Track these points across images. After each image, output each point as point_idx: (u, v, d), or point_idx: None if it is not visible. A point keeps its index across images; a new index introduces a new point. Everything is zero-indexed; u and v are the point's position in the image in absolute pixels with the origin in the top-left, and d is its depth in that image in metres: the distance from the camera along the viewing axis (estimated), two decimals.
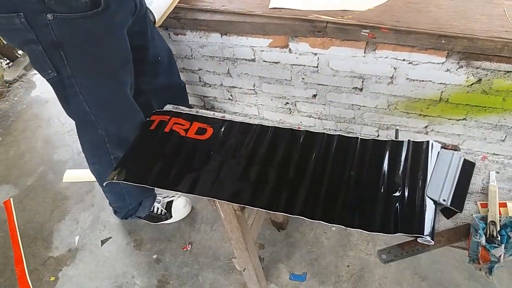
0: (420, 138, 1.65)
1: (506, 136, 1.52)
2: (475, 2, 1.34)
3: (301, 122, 1.87)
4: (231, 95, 1.89)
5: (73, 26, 1.05)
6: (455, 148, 1.05)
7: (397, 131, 1.12)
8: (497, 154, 1.61)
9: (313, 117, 1.82)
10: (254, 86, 1.79)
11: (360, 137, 1.09)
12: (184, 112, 1.27)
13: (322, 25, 1.40)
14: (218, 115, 1.25)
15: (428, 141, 1.04)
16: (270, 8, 1.46)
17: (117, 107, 1.29)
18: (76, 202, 1.86)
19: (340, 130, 1.82)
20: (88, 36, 1.09)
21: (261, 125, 1.16)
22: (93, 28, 1.08)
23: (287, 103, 1.80)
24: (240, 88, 1.83)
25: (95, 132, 1.32)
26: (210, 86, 1.89)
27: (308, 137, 1.12)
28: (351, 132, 1.79)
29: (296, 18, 1.43)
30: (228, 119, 1.22)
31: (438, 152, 1.02)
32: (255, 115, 1.95)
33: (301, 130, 1.14)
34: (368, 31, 1.35)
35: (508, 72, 1.30)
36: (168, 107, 1.31)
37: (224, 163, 1.10)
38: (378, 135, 1.75)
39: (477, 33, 1.25)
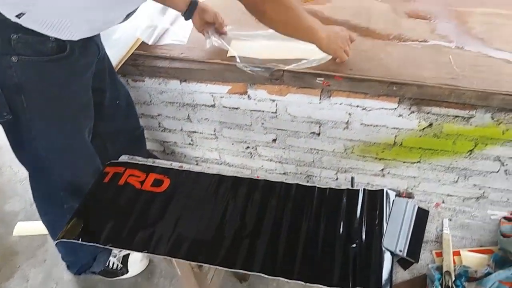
0: (377, 180, 1.71)
1: (458, 178, 1.58)
2: (423, 50, 1.41)
3: (262, 166, 1.87)
4: (191, 140, 1.88)
5: (37, 69, 1.03)
6: (409, 196, 1.07)
7: (352, 178, 1.13)
8: (451, 195, 1.66)
9: (274, 161, 1.83)
10: (214, 131, 1.78)
11: (317, 186, 1.09)
12: (139, 163, 1.23)
13: (279, 73, 1.43)
14: (175, 164, 1.23)
15: (382, 190, 1.06)
16: (228, 57, 1.48)
17: (74, 153, 1.25)
18: (27, 258, 1.74)
19: (301, 173, 1.83)
20: (52, 80, 1.07)
21: (220, 175, 1.15)
22: (57, 72, 1.07)
23: (248, 147, 1.80)
24: (200, 133, 1.82)
25: (49, 180, 1.26)
26: (170, 131, 1.87)
27: (267, 187, 1.11)
28: (311, 176, 1.82)
29: (254, 66, 1.45)
30: (186, 169, 1.20)
31: (393, 201, 1.04)
32: (216, 159, 1.94)
33: (260, 180, 1.13)
34: (322, 79, 1.38)
35: (456, 116, 1.37)
36: (123, 158, 1.27)
37: (180, 217, 1.07)
38: (337, 178, 1.78)
39: (426, 80, 1.31)
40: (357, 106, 1.44)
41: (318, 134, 1.61)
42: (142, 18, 1.57)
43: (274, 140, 1.72)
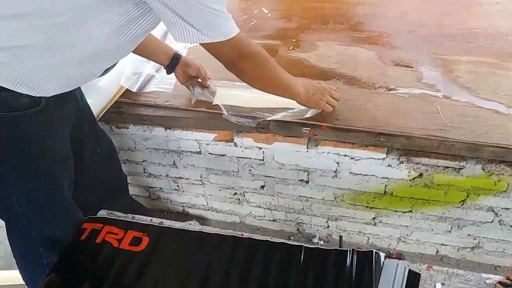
0: (369, 229, 1.66)
1: (452, 227, 1.53)
2: (410, 99, 1.40)
3: (251, 212, 1.82)
4: (177, 186, 1.83)
5: (10, 125, 0.99)
6: (399, 257, 1.02)
7: (341, 238, 1.09)
8: (445, 245, 1.61)
9: (263, 208, 1.78)
10: (201, 177, 1.74)
11: (304, 245, 1.04)
12: (118, 219, 1.18)
13: (265, 123, 1.40)
14: (155, 221, 1.18)
15: (372, 251, 1.01)
16: (213, 105, 1.46)
17: (53, 209, 1.19)
18: None
19: (290, 220, 1.78)
20: (26, 136, 1.03)
21: (202, 232, 1.10)
22: (32, 127, 1.03)
23: (236, 193, 1.76)
24: (186, 179, 1.77)
25: (27, 236, 1.20)
26: (155, 177, 1.82)
27: (251, 246, 1.06)
28: (301, 223, 1.77)
29: (240, 115, 1.43)
30: (166, 225, 1.15)
31: (383, 263, 0.99)
32: (203, 205, 1.88)
33: (244, 238, 1.08)
34: (309, 128, 1.36)
35: (447, 167, 1.33)
36: (102, 213, 1.22)
37: (159, 280, 1.02)
38: (328, 226, 1.73)
39: (413, 131, 1.28)
40: (345, 155, 1.41)
41: (307, 182, 1.57)
42: (127, 66, 1.55)
43: (263, 187, 1.67)
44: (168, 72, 1.44)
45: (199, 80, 1.48)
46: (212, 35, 0.93)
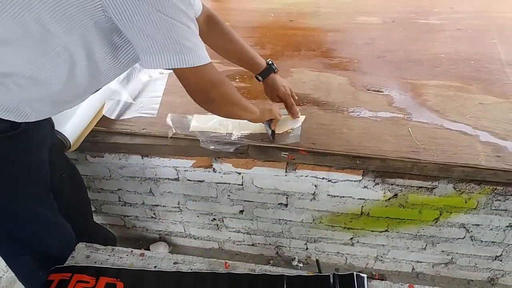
0: (346, 249, 1.69)
1: (426, 245, 1.57)
2: (382, 123, 1.45)
3: (229, 238, 1.81)
4: (154, 214, 1.80)
5: None
6: (382, 278, 1.04)
7: (317, 262, 1.09)
8: (420, 262, 1.65)
9: (242, 232, 1.77)
10: (178, 204, 1.72)
11: (286, 274, 1.04)
12: (87, 265, 1.12)
13: (244, 148, 1.42)
14: (136, 252, 1.15)
15: (353, 274, 1.02)
16: (191, 131, 1.46)
17: (39, 227, 1.17)
18: None
19: (270, 244, 1.78)
20: (6, 158, 1.02)
21: (180, 272, 1.07)
22: (11, 149, 1.02)
23: (214, 219, 1.75)
24: (163, 206, 1.75)
25: (19, 258, 1.20)
26: (131, 205, 1.79)
27: (232, 281, 1.04)
28: (280, 246, 1.77)
29: (219, 141, 1.44)
30: (140, 268, 1.10)
31: (367, 285, 1.00)
32: (180, 232, 1.86)
33: (224, 274, 1.06)
34: (287, 153, 1.38)
35: (420, 187, 1.38)
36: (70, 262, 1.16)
37: None
38: (307, 248, 1.74)
39: (387, 154, 1.33)
40: (323, 178, 1.44)
41: (286, 205, 1.58)
42: (104, 93, 1.54)
43: (242, 212, 1.67)
44: (258, 79, 1.43)
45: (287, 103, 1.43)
46: (185, 59, 0.92)
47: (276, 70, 1.42)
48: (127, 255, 1.13)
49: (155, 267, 1.09)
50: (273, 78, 1.41)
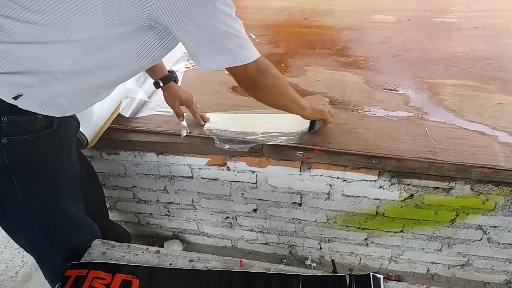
0: (361, 250, 1.67)
1: (442, 246, 1.56)
2: (399, 123, 1.43)
3: (243, 236, 1.81)
4: (168, 211, 1.81)
5: (27, 148, 1.00)
6: (398, 279, 1.03)
7: (333, 262, 1.09)
8: (436, 263, 1.63)
9: (255, 231, 1.77)
10: (192, 202, 1.73)
11: (301, 274, 1.03)
12: (103, 262, 1.13)
13: (258, 146, 1.41)
14: (152, 249, 1.15)
15: (369, 274, 1.01)
16: (206, 129, 1.47)
17: (72, 227, 1.19)
18: None
19: (283, 243, 1.77)
20: (42, 157, 1.04)
21: (195, 269, 1.07)
22: (47, 148, 1.04)
23: (228, 217, 1.75)
24: (177, 204, 1.76)
25: (52, 258, 1.19)
26: (145, 202, 1.80)
27: (246, 279, 1.04)
28: (293, 246, 1.77)
29: (233, 139, 1.44)
30: (155, 265, 1.10)
31: (383, 286, 1.00)
32: (194, 230, 1.86)
33: (239, 272, 1.06)
34: (302, 152, 1.38)
35: (437, 188, 1.37)
36: (94, 254, 1.16)
37: None
38: (321, 248, 1.73)
39: (404, 154, 1.32)
40: (338, 177, 1.43)
41: (300, 205, 1.58)
42: (120, 91, 1.55)
43: (255, 210, 1.67)
44: (156, 86, 1.43)
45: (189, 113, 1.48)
46: (238, 58, 0.98)
47: (176, 79, 1.44)
48: (143, 252, 1.14)
49: (170, 264, 1.09)
50: (173, 85, 1.43)
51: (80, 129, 1.35)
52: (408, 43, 1.87)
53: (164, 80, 1.41)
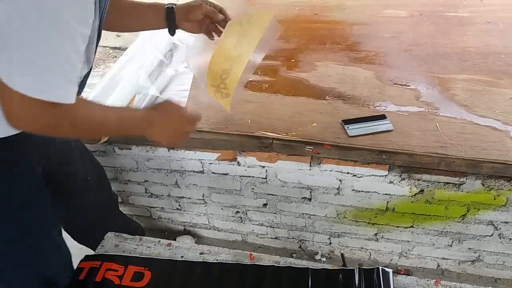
0: (371, 245, 1.68)
1: (452, 242, 1.55)
2: (409, 118, 1.43)
3: (253, 231, 1.83)
4: (179, 205, 1.83)
5: None
6: (408, 273, 1.04)
7: (342, 256, 1.10)
8: (446, 259, 1.63)
9: (265, 226, 1.79)
10: (203, 196, 1.75)
11: (310, 267, 1.05)
12: (117, 254, 1.15)
13: (268, 141, 1.43)
14: (155, 250, 1.16)
15: (378, 268, 1.02)
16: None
17: (38, 248, 1.09)
18: None
19: (293, 238, 1.78)
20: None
21: (206, 262, 1.09)
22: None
23: (238, 212, 1.77)
24: (188, 198, 1.78)
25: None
26: (157, 197, 1.82)
27: (257, 272, 1.06)
28: (303, 240, 1.78)
29: (243, 134, 1.45)
30: (167, 257, 1.13)
31: (392, 280, 1.00)
32: (205, 224, 1.88)
33: (249, 265, 1.08)
34: (312, 147, 1.38)
35: (447, 183, 1.36)
36: (108, 246, 1.19)
37: None
38: (330, 243, 1.74)
39: (415, 149, 1.32)
40: (348, 173, 1.44)
41: (310, 199, 1.59)
42: (133, 87, 1.57)
43: (265, 205, 1.69)
44: (171, 33, 1.16)
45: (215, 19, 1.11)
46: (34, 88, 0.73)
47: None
48: (155, 245, 1.16)
49: (182, 256, 1.11)
50: (181, 6, 1.12)
51: None
52: (419, 38, 1.86)
53: (171, 23, 1.12)
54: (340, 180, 1.47)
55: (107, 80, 1.55)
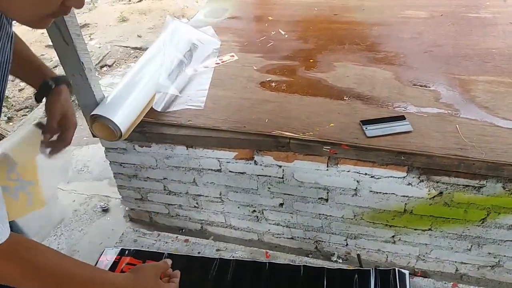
0: (388, 247, 1.66)
1: (471, 246, 1.53)
2: (428, 119, 1.42)
3: (269, 230, 1.83)
4: (196, 203, 1.85)
5: None
6: (425, 275, 1.03)
7: (359, 256, 1.09)
8: (465, 263, 1.60)
9: (281, 225, 1.79)
10: (220, 195, 1.76)
11: (326, 267, 1.05)
12: (135, 249, 1.17)
13: (285, 141, 1.43)
14: (173, 245, 1.18)
15: (394, 269, 1.02)
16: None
17: None
18: None
19: (309, 238, 1.78)
20: None
21: (222, 258, 1.10)
22: None
23: (254, 211, 1.78)
24: (206, 196, 1.80)
25: None
26: (175, 194, 1.85)
27: (273, 270, 1.06)
28: (319, 241, 1.77)
29: (260, 133, 1.46)
30: (184, 253, 1.14)
31: (409, 282, 0.99)
32: (221, 222, 1.90)
33: (265, 263, 1.09)
34: (329, 147, 1.38)
35: (467, 186, 1.34)
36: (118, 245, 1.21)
37: None
38: (347, 244, 1.73)
39: (433, 151, 1.30)
40: (365, 174, 1.43)
41: (326, 200, 1.59)
42: (153, 86, 1.60)
43: (281, 205, 1.69)
44: (37, 100, 1.04)
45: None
46: None
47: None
48: (172, 241, 1.18)
49: (198, 253, 1.13)
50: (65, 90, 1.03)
51: (115, 121, 1.41)
52: (440, 39, 1.84)
53: (56, 81, 1.02)
54: (357, 181, 1.46)
55: (128, 79, 1.58)
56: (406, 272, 1.02)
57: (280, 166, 1.53)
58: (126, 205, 2.02)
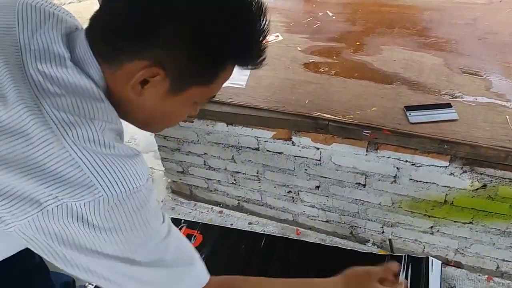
0: (425, 238, 1.62)
1: None
2: (476, 108, 1.36)
3: (304, 212, 1.84)
4: (234, 180, 1.89)
5: None
6: (459, 266, 1.01)
7: (390, 241, 1.08)
8: (507, 261, 1.54)
9: (316, 208, 1.79)
10: (257, 173, 1.79)
11: (357, 250, 1.05)
12: (172, 216, 1.22)
13: (324, 123, 1.43)
14: (207, 215, 1.22)
15: (427, 258, 1.00)
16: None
17: None
18: None
19: (344, 223, 1.77)
20: None
21: (253, 232, 1.13)
22: None
23: (290, 191, 1.79)
24: (243, 173, 1.83)
25: None
26: (214, 169, 1.89)
27: (303, 249, 1.08)
28: (355, 227, 1.76)
29: (299, 114, 1.47)
30: (218, 223, 1.18)
31: (440, 270, 0.98)
32: (257, 200, 1.93)
33: (296, 240, 1.10)
34: (369, 131, 1.36)
35: None
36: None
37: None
38: (383, 231, 1.70)
39: (479, 141, 1.25)
40: (406, 161, 1.40)
41: (364, 186, 1.57)
42: None
43: (318, 187, 1.69)
44: None
45: None
46: None
47: None
48: (208, 211, 1.23)
49: (231, 224, 1.17)
50: None
51: None
52: (496, 26, 1.73)
53: None
54: (397, 168, 1.44)
55: None
56: (439, 262, 1.00)
57: (318, 148, 1.53)
58: (168, 177, 2.09)
